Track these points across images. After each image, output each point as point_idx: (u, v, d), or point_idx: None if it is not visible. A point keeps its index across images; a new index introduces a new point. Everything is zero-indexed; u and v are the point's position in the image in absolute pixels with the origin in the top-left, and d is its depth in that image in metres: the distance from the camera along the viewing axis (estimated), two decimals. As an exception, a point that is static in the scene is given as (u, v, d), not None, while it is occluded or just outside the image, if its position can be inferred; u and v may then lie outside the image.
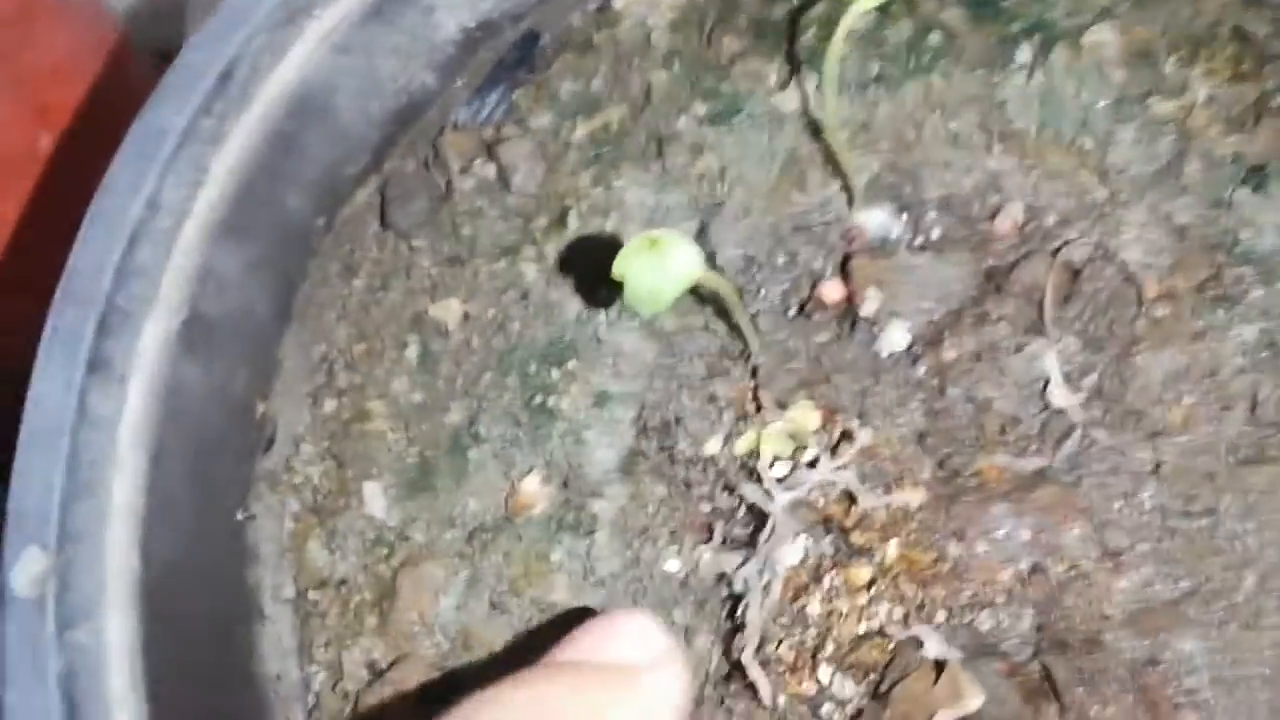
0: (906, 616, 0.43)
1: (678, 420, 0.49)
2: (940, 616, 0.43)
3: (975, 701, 0.38)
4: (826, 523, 0.46)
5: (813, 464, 0.46)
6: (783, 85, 0.49)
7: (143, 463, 0.40)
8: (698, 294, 0.49)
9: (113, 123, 0.75)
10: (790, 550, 0.45)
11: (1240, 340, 0.45)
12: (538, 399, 0.48)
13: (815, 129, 0.50)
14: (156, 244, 0.43)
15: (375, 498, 0.47)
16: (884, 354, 0.49)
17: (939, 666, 0.40)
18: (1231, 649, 0.41)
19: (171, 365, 0.42)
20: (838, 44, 0.42)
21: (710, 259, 0.50)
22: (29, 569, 0.36)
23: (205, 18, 0.46)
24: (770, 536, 0.43)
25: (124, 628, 0.38)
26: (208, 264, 0.43)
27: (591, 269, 0.47)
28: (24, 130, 0.70)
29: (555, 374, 0.48)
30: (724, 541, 0.46)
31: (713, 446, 0.48)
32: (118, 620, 0.38)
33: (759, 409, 0.49)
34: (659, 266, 0.35)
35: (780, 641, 0.43)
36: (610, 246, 0.37)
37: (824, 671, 0.42)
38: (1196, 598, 0.42)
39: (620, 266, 0.35)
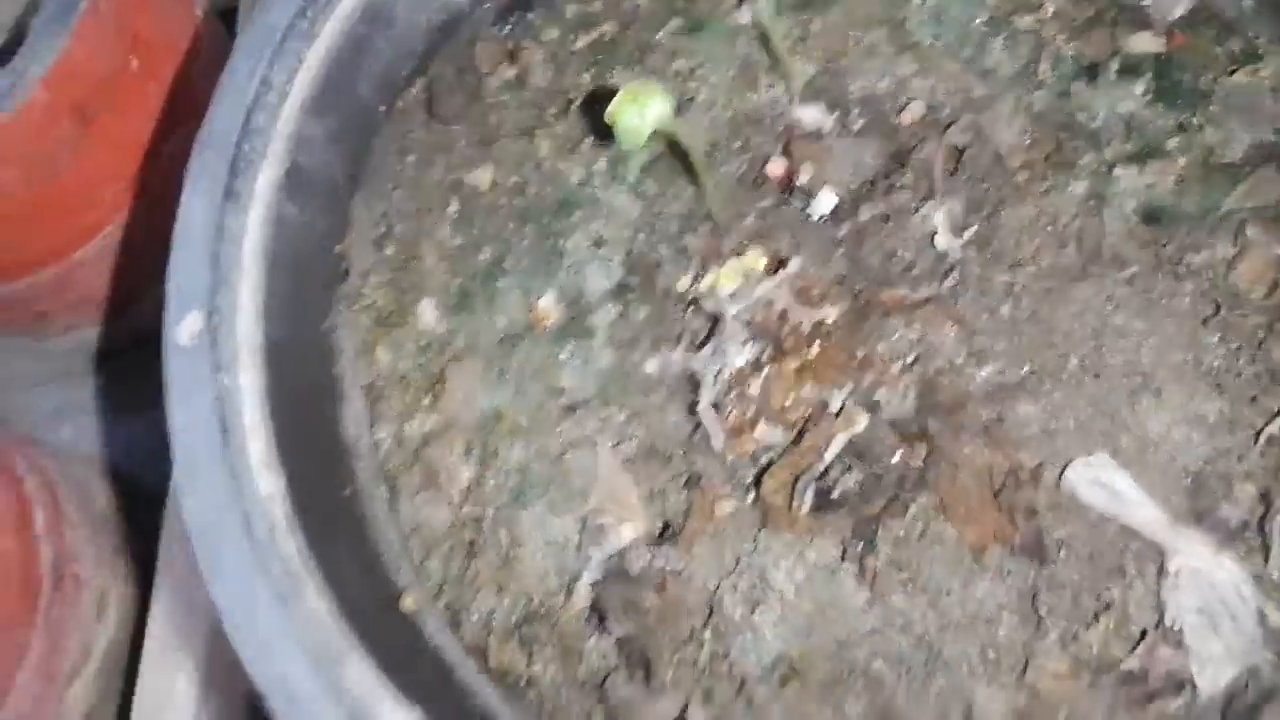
0: (821, 391, 0.57)
1: (657, 264, 0.63)
2: (848, 389, 0.58)
3: (862, 424, 0.53)
4: (765, 333, 0.60)
5: (766, 275, 0.60)
6: (738, 4, 0.64)
7: (260, 269, 0.54)
8: (672, 161, 0.63)
9: (180, 47, 0.89)
10: (737, 353, 0.60)
11: (1074, 194, 0.59)
12: (550, 242, 0.62)
13: (765, 41, 0.65)
14: (268, 113, 0.57)
15: (427, 313, 0.61)
16: (815, 215, 0.64)
17: (839, 413, 0.55)
18: (1055, 408, 0.55)
19: (278, 202, 0.56)
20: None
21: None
22: (189, 327, 0.50)
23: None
24: (724, 331, 0.58)
25: (253, 380, 0.52)
26: (301, 130, 0.57)
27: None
28: (120, 55, 0.83)
29: (563, 224, 0.62)
30: (690, 346, 0.61)
31: (684, 283, 0.63)
32: (249, 374, 0.52)
33: (719, 256, 0.63)
34: (639, 113, 0.49)
35: (730, 412, 0.58)
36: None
37: (761, 430, 0.57)
38: (1034, 378, 0.57)
39: (611, 112, 0.49)
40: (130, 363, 1.05)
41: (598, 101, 0.63)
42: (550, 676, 0.54)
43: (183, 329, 0.51)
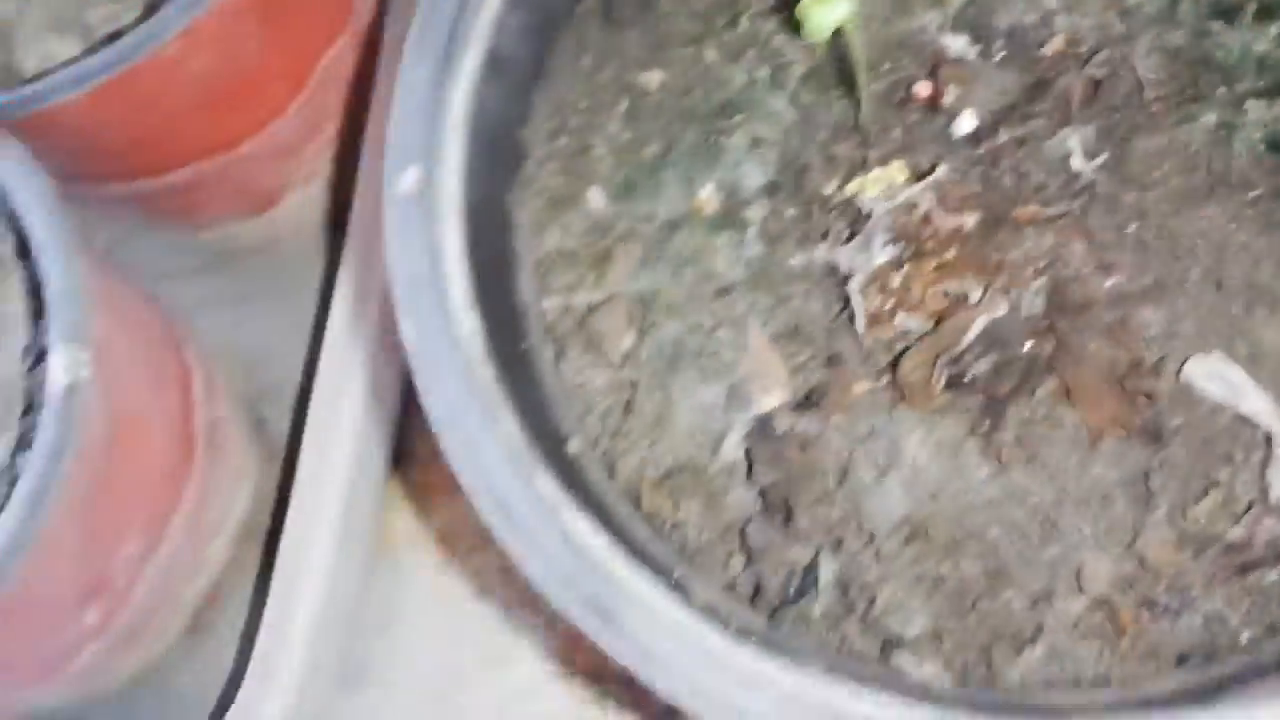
0: (961, 285, 0.62)
1: (806, 168, 0.68)
2: (982, 289, 0.63)
3: (1003, 309, 0.58)
4: (905, 235, 0.66)
5: (901, 190, 0.65)
6: (900, -65, 0.69)
7: (462, 136, 0.60)
8: (828, 75, 0.69)
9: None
10: (879, 252, 0.65)
11: (1205, 124, 0.64)
12: (712, 139, 0.68)
13: (920, -29, 0.70)
14: (473, 6, 0.63)
15: (595, 199, 0.67)
16: (956, 135, 0.69)
17: (980, 303, 0.60)
18: (1178, 315, 0.60)
19: (481, 81, 0.62)
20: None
21: (840, 56, 0.70)
22: (411, 178, 0.57)
23: None
24: (868, 231, 0.63)
25: (456, 233, 0.58)
26: (502, 19, 0.64)
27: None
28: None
29: (724, 124, 0.68)
30: (834, 244, 0.66)
31: (830, 188, 0.68)
32: (453, 227, 0.58)
33: (864, 165, 0.69)
34: (826, 11, 0.55)
35: (870, 301, 0.63)
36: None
37: (899, 318, 0.62)
38: (1157, 287, 0.61)
39: (802, 9, 0.55)
40: (274, 261, 1.12)
41: (767, 14, 0.69)
42: (695, 520, 0.60)
43: (405, 178, 0.57)
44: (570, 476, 0.59)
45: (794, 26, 0.57)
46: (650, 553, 0.56)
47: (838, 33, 0.60)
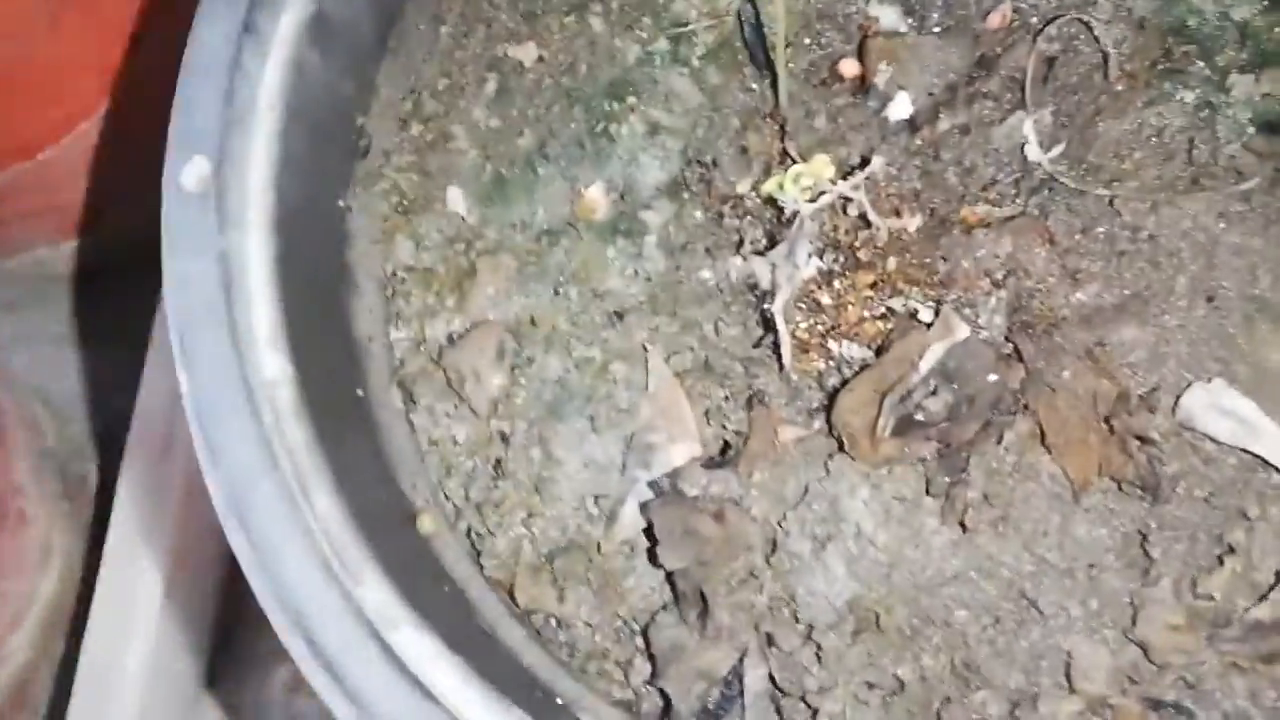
0: (905, 302, 0.50)
1: (715, 162, 0.56)
2: (930, 306, 0.51)
3: (963, 332, 0.46)
4: (836, 245, 0.54)
5: (832, 183, 0.53)
6: (819, -118, 0.57)
7: (277, 120, 0.46)
8: (737, 48, 0.56)
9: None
10: (804, 263, 0.53)
11: (1183, 104, 0.53)
12: (600, 126, 0.54)
13: (843, -74, 0.58)
14: (290, -49, 0.48)
15: (457, 201, 0.53)
16: (891, 120, 0.57)
17: (931, 325, 0.48)
18: (1164, 334, 0.49)
19: (301, 48, 0.47)
20: None
21: (753, 27, 0.57)
22: (196, 171, 0.42)
23: None
24: (800, 228, 0.51)
25: (263, 244, 0.44)
26: (330, -28, 0.49)
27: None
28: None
29: (616, 106, 0.54)
30: (751, 253, 0.54)
31: (743, 187, 0.55)
32: (258, 235, 0.44)
33: (783, 160, 0.56)
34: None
35: (797, 325, 0.51)
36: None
37: (833, 345, 0.50)
38: (1137, 300, 0.50)
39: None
40: (97, 291, 0.95)
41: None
42: (586, 617, 0.47)
43: (189, 171, 0.42)
44: (418, 568, 0.45)
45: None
46: (525, 668, 0.43)
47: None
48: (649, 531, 0.46)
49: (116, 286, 0.88)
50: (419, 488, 0.49)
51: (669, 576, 0.46)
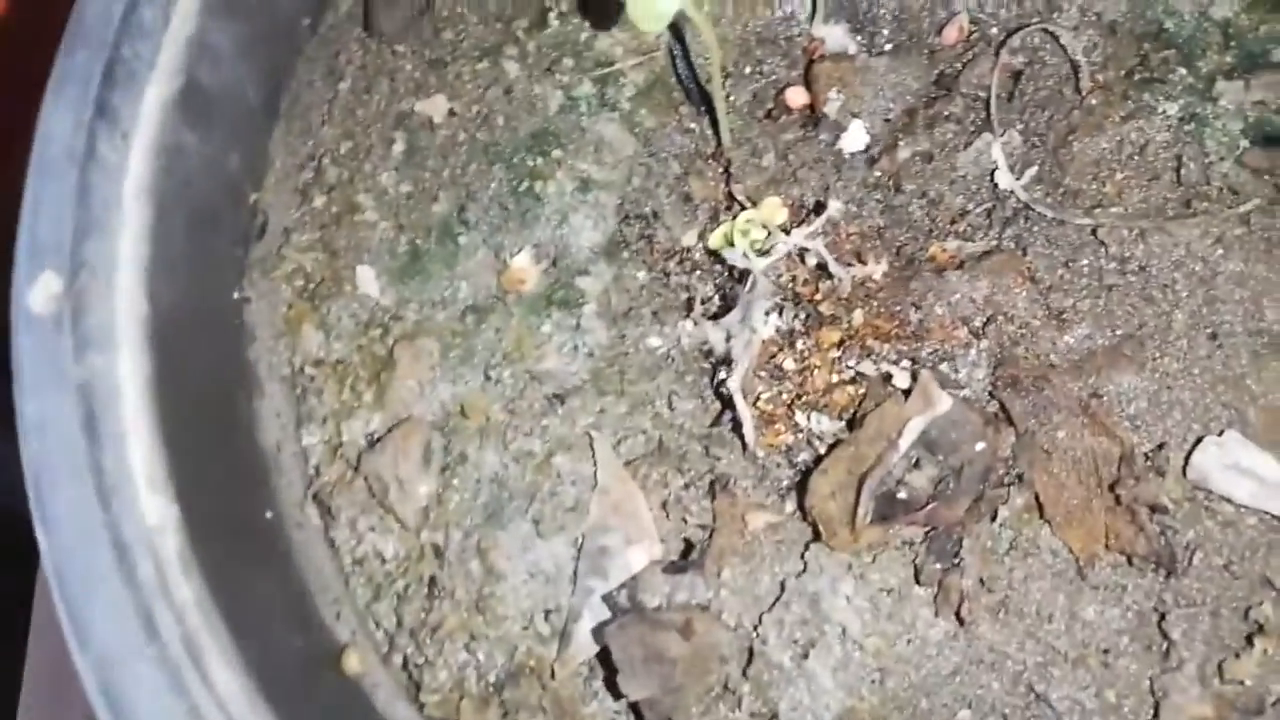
0: (876, 363, 0.45)
1: (655, 214, 0.50)
2: (905, 366, 0.46)
3: (945, 404, 0.41)
4: (796, 299, 0.48)
5: (785, 232, 0.48)
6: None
7: (147, 214, 0.39)
8: (671, 86, 0.50)
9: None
10: (762, 323, 0.47)
11: (1165, 116, 0.48)
12: (524, 185, 0.48)
13: (779, -57, 0.52)
14: (156, 6, 0.42)
15: (368, 281, 0.47)
16: (846, 152, 0.51)
17: (908, 392, 0.42)
18: (1165, 379, 0.44)
19: (172, 128, 0.41)
20: None
21: (685, 61, 0.51)
22: (46, 289, 0.36)
23: None
24: (752, 288, 0.45)
25: (135, 362, 0.37)
26: (203, 34, 0.42)
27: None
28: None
29: (540, 161, 0.48)
30: (703, 315, 0.48)
31: (689, 239, 0.50)
32: (129, 354, 0.37)
33: (731, 205, 0.50)
34: (659, -10, 0.36)
35: (759, 396, 0.45)
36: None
37: (800, 417, 0.44)
38: (1132, 341, 0.45)
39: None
40: None
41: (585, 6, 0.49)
42: (542, 750, 0.41)
43: (37, 291, 0.36)
44: (348, 716, 0.39)
45: (618, 12, 0.38)
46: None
47: (677, 27, 0.42)
48: (604, 656, 0.40)
49: None
50: (344, 616, 0.42)
51: (634, 708, 0.40)
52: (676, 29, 0.48)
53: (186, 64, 0.42)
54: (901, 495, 0.42)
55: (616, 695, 0.39)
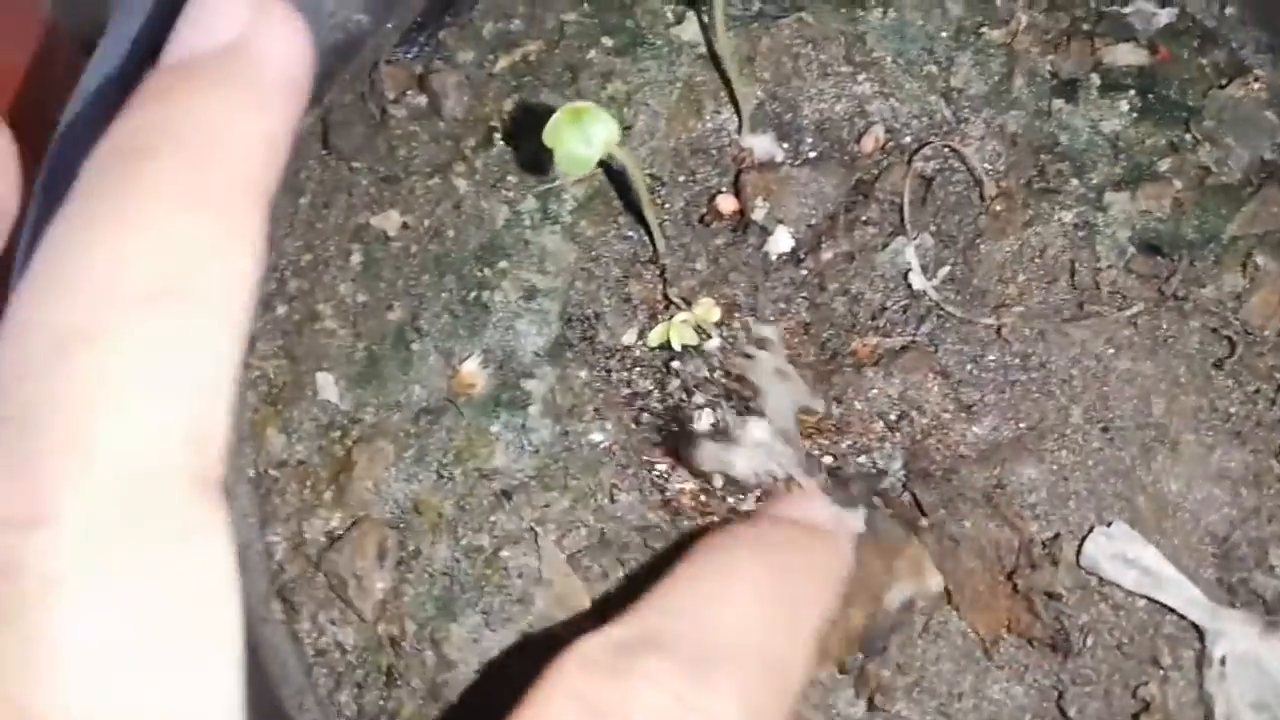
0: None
1: (597, 316, 0.52)
2: (826, 461, 0.48)
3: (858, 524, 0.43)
4: (728, 395, 0.51)
5: (718, 347, 0.50)
6: (679, 20, 0.54)
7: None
8: (609, 197, 0.53)
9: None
10: (697, 418, 0.50)
11: (1061, 223, 0.51)
12: (473, 294, 0.51)
13: (712, 60, 0.55)
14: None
15: (328, 387, 0.49)
16: (772, 255, 0.54)
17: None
18: (1062, 470, 0.47)
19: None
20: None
21: (622, 176, 0.54)
22: None
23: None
24: (679, 390, 0.47)
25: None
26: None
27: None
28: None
29: (488, 272, 0.51)
30: (642, 410, 0.50)
31: (629, 338, 0.52)
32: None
33: (667, 306, 0.53)
34: (583, 136, 0.39)
35: (688, 489, 0.48)
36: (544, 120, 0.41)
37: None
38: (1034, 434, 0.48)
39: (550, 135, 0.39)
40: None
41: (524, 129, 0.52)
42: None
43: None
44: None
45: (550, 162, 0.41)
46: None
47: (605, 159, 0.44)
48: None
49: None
50: (306, 706, 0.44)
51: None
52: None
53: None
54: (822, 584, 0.45)
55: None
